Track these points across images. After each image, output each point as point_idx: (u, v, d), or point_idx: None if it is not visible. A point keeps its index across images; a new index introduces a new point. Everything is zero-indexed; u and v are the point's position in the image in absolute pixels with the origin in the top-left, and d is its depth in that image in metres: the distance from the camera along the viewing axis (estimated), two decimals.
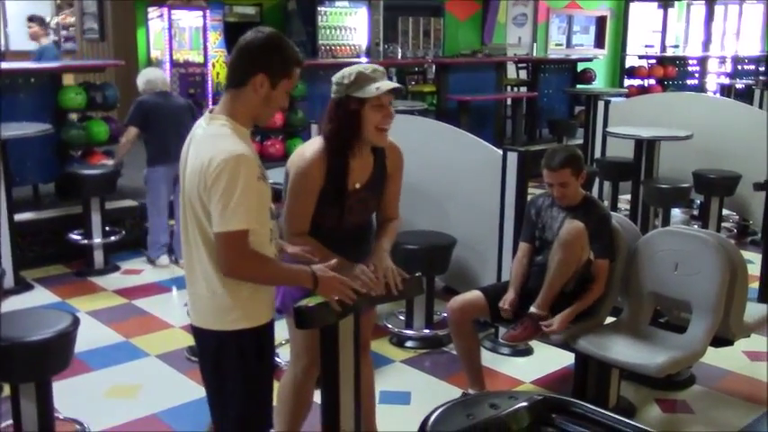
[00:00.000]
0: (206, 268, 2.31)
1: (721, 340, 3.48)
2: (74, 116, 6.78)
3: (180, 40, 10.27)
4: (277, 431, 3.00)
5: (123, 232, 6.04)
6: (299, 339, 2.85)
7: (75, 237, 5.82)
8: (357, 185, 2.77)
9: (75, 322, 3.06)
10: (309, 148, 2.76)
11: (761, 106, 8.40)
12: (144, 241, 6.00)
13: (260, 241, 2.30)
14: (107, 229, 5.87)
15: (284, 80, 2.30)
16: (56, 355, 3.00)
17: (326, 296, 2.38)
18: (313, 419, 2.96)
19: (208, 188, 2.19)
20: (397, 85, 2.72)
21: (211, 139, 2.25)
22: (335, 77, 2.70)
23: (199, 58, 10.25)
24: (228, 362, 2.36)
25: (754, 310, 3.71)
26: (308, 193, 2.72)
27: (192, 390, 3.84)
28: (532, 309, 3.44)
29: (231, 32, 10.17)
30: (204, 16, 9.83)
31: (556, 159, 3.44)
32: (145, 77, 5.82)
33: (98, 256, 5.77)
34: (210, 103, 10.16)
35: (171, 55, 10.14)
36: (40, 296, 5.22)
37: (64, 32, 12.12)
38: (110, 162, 6.17)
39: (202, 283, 2.33)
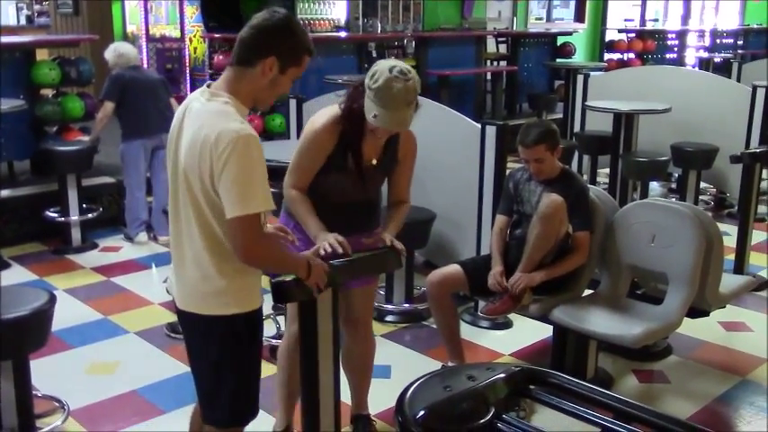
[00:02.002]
0: (198, 251, 2.22)
1: (697, 311, 3.52)
2: (48, 92, 6.68)
3: (156, 14, 10.15)
4: (277, 396, 3.11)
5: (101, 209, 6.00)
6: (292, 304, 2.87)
7: (51, 214, 5.77)
8: (374, 161, 2.81)
9: (52, 299, 3.04)
10: (325, 113, 2.80)
11: (738, 79, 8.46)
12: (122, 219, 5.96)
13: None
14: (84, 206, 5.82)
15: (293, 67, 2.23)
16: (33, 332, 2.98)
17: (318, 281, 2.35)
18: None
19: (218, 170, 2.07)
20: (389, 128, 2.68)
21: (215, 116, 2.13)
22: (375, 66, 2.67)
23: (176, 33, 10.13)
24: (221, 347, 2.30)
25: (729, 282, 3.76)
26: (313, 153, 2.77)
27: (171, 366, 3.84)
28: (511, 282, 3.45)
29: (208, 6, 10.03)
30: None
31: (530, 136, 3.42)
32: (116, 51, 5.73)
33: (75, 234, 5.73)
34: (188, 78, 10.07)
35: (147, 30, 10.02)
36: (17, 274, 5.17)
37: (37, 7, 11.92)
38: (86, 138, 6.11)
39: (193, 267, 2.24)
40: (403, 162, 2.91)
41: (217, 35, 8.71)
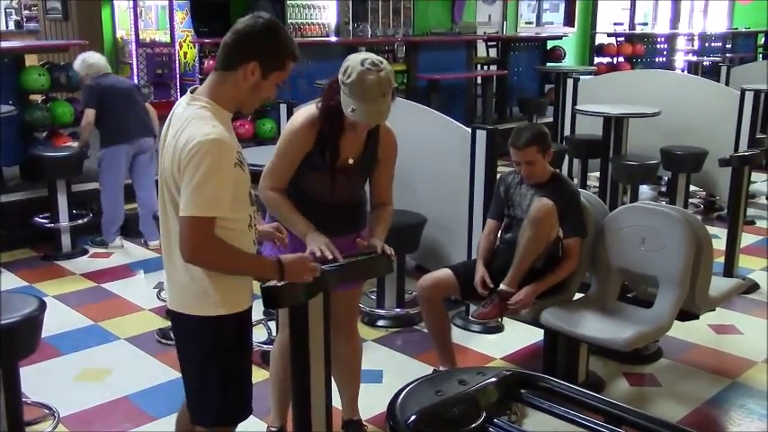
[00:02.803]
0: None
1: (687, 314, 3.53)
2: (37, 97, 6.65)
3: (146, 19, 10.14)
4: (270, 400, 3.10)
5: (90, 215, 5.97)
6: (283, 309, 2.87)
7: (41, 220, 5.74)
8: (350, 161, 2.80)
9: (42, 306, 3.02)
10: (305, 111, 2.80)
11: (727, 83, 8.50)
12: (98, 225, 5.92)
13: (238, 228, 2.26)
14: (74, 212, 5.79)
15: (276, 72, 2.24)
16: (22, 339, 2.96)
17: (297, 280, 2.35)
18: None
19: (181, 170, 2.13)
20: (367, 121, 2.66)
21: (190, 121, 2.17)
22: (346, 60, 2.66)
23: (165, 38, 10.12)
24: (208, 347, 2.32)
25: (719, 284, 3.77)
26: (291, 153, 2.77)
27: (162, 372, 3.83)
28: (502, 286, 3.45)
29: (198, 11, 10.03)
30: None
31: (522, 138, 3.45)
32: (85, 62, 5.67)
33: (65, 240, 5.71)
34: (178, 83, 10.06)
35: (137, 34, 10.00)
36: (6, 281, 5.13)
37: (26, 12, 11.89)
38: (75, 144, 6.08)
39: (182, 268, 2.27)
40: (383, 162, 2.89)
41: (207, 40, 8.70)
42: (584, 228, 3.53)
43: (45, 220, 5.74)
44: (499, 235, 3.69)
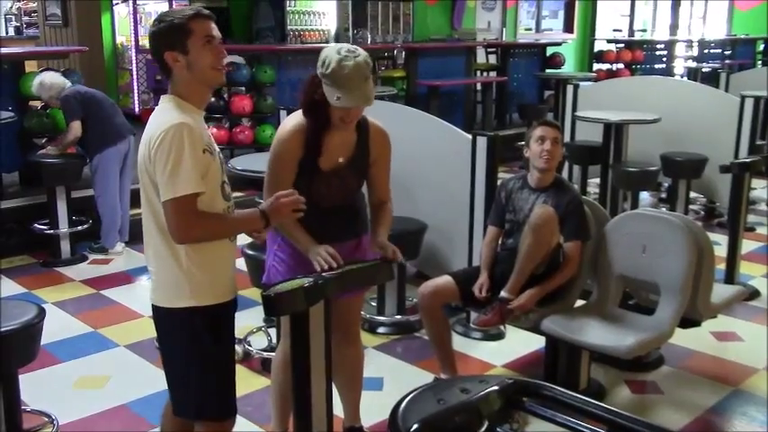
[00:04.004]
0: (157, 245, 2.34)
1: (689, 321, 3.52)
2: (37, 103, 6.64)
3: (146, 25, 10.13)
4: (272, 407, 3.08)
5: (90, 221, 5.95)
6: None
7: (40, 226, 5.73)
8: (341, 160, 2.79)
9: (41, 314, 3.01)
10: (291, 120, 2.79)
11: (726, 89, 8.50)
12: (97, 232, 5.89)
13: None
14: (73, 218, 5.78)
15: (189, 40, 2.29)
16: (21, 347, 2.95)
17: (284, 219, 2.46)
18: None
19: (152, 159, 2.23)
20: (354, 105, 2.62)
21: (156, 116, 2.34)
22: (322, 53, 2.66)
23: None
24: (182, 340, 2.38)
25: (720, 291, 3.76)
26: (283, 164, 2.77)
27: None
28: (503, 293, 3.44)
29: None
30: (170, 1, 9.70)
31: (550, 120, 3.66)
32: (45, 85, 5.64)
33: (65, 246, 5.70)
34: None
35: (137, 41, 10.00)
36: (5, 287, 5.12)
37: (26, 18, 11.90)
38: (52, 150, 5.93)
39: (155, 261, 2.36)
40: (377, 162, 2.88)
41: None
42: (585, 232, 3.53)
43: (44, 227, 5.73)
44: (500, 241, 3.69)
